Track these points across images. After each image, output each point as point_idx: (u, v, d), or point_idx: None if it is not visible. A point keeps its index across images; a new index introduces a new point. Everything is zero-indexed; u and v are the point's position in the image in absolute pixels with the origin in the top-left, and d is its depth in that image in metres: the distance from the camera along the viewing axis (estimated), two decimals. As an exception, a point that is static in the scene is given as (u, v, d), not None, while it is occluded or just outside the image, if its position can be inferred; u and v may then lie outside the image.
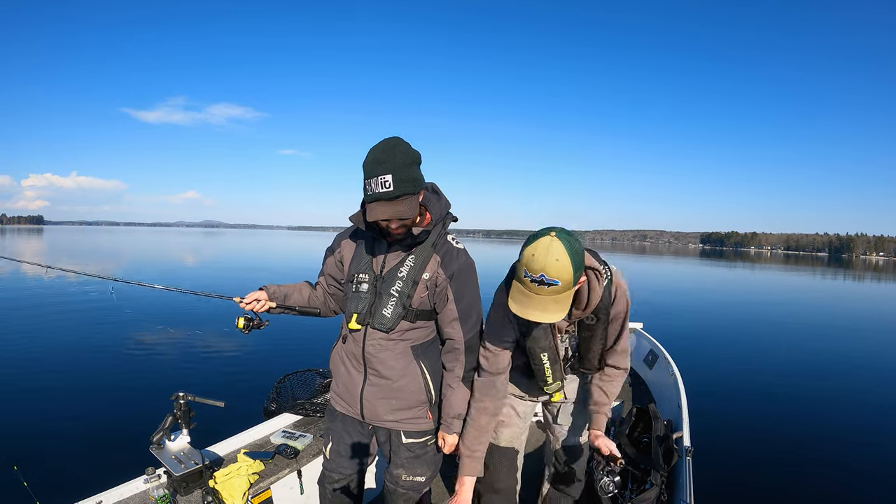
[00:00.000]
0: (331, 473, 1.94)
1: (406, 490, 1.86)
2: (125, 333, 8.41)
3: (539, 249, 1.41)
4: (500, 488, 2.07)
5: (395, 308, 1.68)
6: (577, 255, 1.44)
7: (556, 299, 1.44)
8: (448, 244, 1.73)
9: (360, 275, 1.74)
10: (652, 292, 18.85)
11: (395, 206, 1.52)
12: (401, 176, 1.50)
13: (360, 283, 1.74)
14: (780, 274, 40.91)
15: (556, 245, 1.40)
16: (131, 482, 2.10)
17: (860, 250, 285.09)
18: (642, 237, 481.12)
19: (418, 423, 1.80)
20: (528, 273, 1.43)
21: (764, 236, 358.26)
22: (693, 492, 2.24)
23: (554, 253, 1.40)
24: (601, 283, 1.64)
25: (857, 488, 4.26)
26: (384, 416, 1.79)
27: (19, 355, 6.81)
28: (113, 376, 5.88)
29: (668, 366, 4.13)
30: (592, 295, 1.64)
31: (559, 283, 1.41)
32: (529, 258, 1.43)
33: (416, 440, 1.82)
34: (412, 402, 1.77)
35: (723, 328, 12.24)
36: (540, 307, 1.45)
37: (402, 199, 1.53)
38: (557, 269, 1.40)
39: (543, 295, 1.44)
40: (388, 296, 1.69)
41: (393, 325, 1.68)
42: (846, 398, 7.05)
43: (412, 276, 1.67)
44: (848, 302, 21.64)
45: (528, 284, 1.45)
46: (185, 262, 26.38)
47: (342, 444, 1.91)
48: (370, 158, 1.52)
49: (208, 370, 6.03)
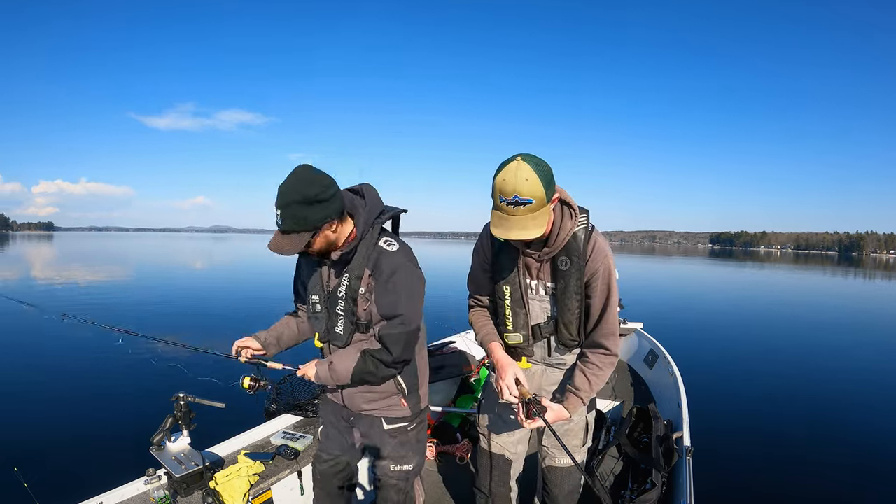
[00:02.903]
0: (320, 454, 2.06)
1: (397, 480, 1.91)
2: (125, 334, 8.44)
3: (508, 174, 1.48)
4: (485, 491, 2.04)
5: (346, 325, 1.77)
6: (546, 174, 1.50)
7: (534, 217, 1.51)
8: (378, 250, 1.72)
9: (313, 296, 1.85)
10: (652, 292, 18.76)
11: (282, 240, 1.59)
12: (288, 213, 1.55)
13: (314, 305, 1.85)
14: (788, 273, 40.55)
15: (524, 166, 1.47)
16: (132, 483, 2.12)
17: (870, 248, 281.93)
18: (651, 238, 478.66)
19: (395, 410, 1.88)
20: (503, 198, 1.50)
21: (774, 235, 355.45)
22: (693, 492, 2.23)
23: (523, 174, 1.46)
24: (574, 222, 1.67)
25: (857, 488, 4.23)
26: (362, 406, 1.88)
27: (19, 356, 6.87)
28: (113, 377, 5.92)
29: (668, 366, 4.12)
30: (562, 228, 1.66)
31: (533, 202, 1.48)
32: (501, 183, 1.49)
33: (396, 426, 1.89)
34: (386, 393, 1.85)
35: (723, 328, 12.17)
36: (519, 226, 1.51)
37: (289, 235, 1.58)
38: (529, 187, 1.46)
39: (520, 215, 1.50)
40: (336, 315, 1.78)
41: (347, 340, 1.79)
42: (847, 398, 7.00)
43: (350, 295, 1.73)
44: (855, 301, 21.39)
45: (504, 208, 1.51)
46: (194, 268, 26.62)
47: (331, 428, 2.02)
48: (279, 188, 1.57)
49: (208, 371, 5.94)
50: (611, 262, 1.71)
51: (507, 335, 1.87)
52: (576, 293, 1.72)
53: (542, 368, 1.91)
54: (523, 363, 1.88)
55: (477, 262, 1.90)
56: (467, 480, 2.91)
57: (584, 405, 1.81)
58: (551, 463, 1.96)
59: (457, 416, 3.58)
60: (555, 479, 1.96)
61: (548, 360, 1.89)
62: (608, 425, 3.35)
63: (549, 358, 1.88)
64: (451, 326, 4.82)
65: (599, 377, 1.77)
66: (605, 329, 1.74)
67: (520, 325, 1.83)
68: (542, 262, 1.74)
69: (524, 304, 1.80)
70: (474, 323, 1.98)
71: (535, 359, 1.91)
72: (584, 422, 1.94)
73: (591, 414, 1.99)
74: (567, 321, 1.76)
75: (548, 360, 1.89)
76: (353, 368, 1.71)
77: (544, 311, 1.80)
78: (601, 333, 1.75)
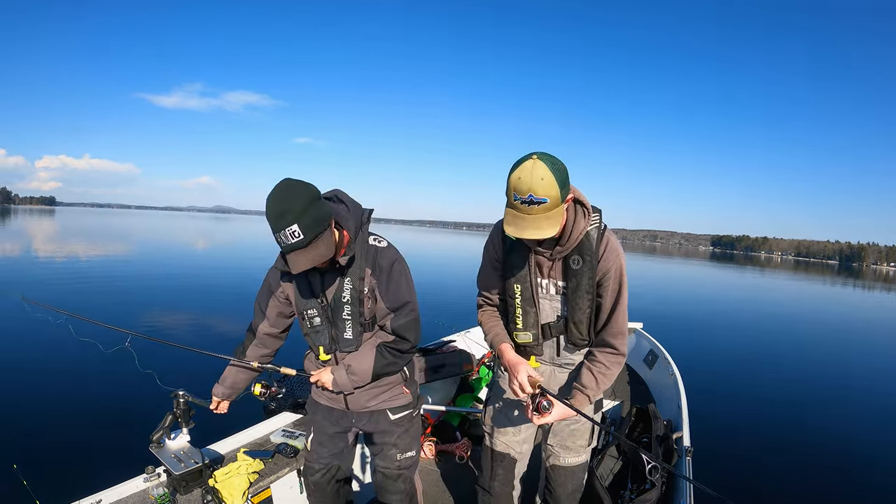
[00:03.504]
0: (312, 464, 2.03)
1: (402, 470, 1.93)
2: (124, 329, 8.44)
3: (524, 172, 1.47)
4: (491, 490, 2.03)
5: (354, 328, 1.78)
6: (561, 173, 1.50)
7: (548, 216, 1.50)
8: (371, 249, 1.75)
9: (308, 311, 1.81)
10: (654, 291, 18.75)
11: (312, 251, 1.54)
12: (306, 221, 1.50)
13: (311, 319, 1.81)
14: (787, 281, 40.54)
15: (539, 165, 1.46)
16: (131, 481, 2.11)
17: (871, 260, 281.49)
18: (653, 237, 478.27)
19: (398, 399, 1.90)
20: (518, 196, 1.49)
21: (775, 241, 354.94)
22: (693, 492, 2.22)
23: (538, 173, 1.46)
24: (587, 221, 1.67)
25: (856, 488, 4.24)
26: (367, 403, 1.88)
27: (18, 354, 6.86)
28: (112, 374, 5.89)
29: (668, 366, 4.12)
30: (575, 227, 1.66)
31: (548, 201, 1.48)
32: (516, 181, 1.48)
33: (401, 414, 1.92)
34: (391, 383, 1.88)
35: (723, 329, 12.18)
36: (534, 225, 1.50)
37: (317, 242, 1.54)
38: (544, 187, 1.46)
39: (535, 214, 1.50)
40: (343, 321, 1.77)
41: (358, 343, 1.80)
42: (846, 399, 7.04)
43: (356, 297, 1.74)
44: (854, 311, 21.44)
45: (519, 207, 1.51)
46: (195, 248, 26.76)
47: (324, 435, 2.00)
48: (271, 213, 1.50)
49: (208, 369, 5.90)
50: (623, 262, 1.71)
51: (516, 334, 1.86)
52: (587, 292, 1.71)
53: (551, 369, 1.90)
54: (532, 362, 1.87)
55: (487, 259, 1.90)
56: (467, 479, 2.91)
57: (590, 403, 1.80)
58: (556, 462, 1.96)
59: (456, 414, 3.58)
60: (559, 478, 1.96)
61: (556, 360, 1.88)
62: (608, 425, 3.35)
63: (557, 358, 1.88)
64: (451, 325, 4.82)
65: (607, 376, 1.76)
66: (614, 328, 1.73)
67: (530, 323, 1.82)
68: (553, 261, 1.74)
69: (535, 302, 1.80)
70: (484, 323, 1.97)
71: (545, 359, 1.90)
72: (591, 422, 1.93)
73: (598, 415, 1.98)
74: (577, 320, 1.75)
75: (556, 360, 1.88)
76: (373, 366, 1.74)
77: (554, 310, 1.80)
78: (610, 332, 1.74)
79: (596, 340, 1.79)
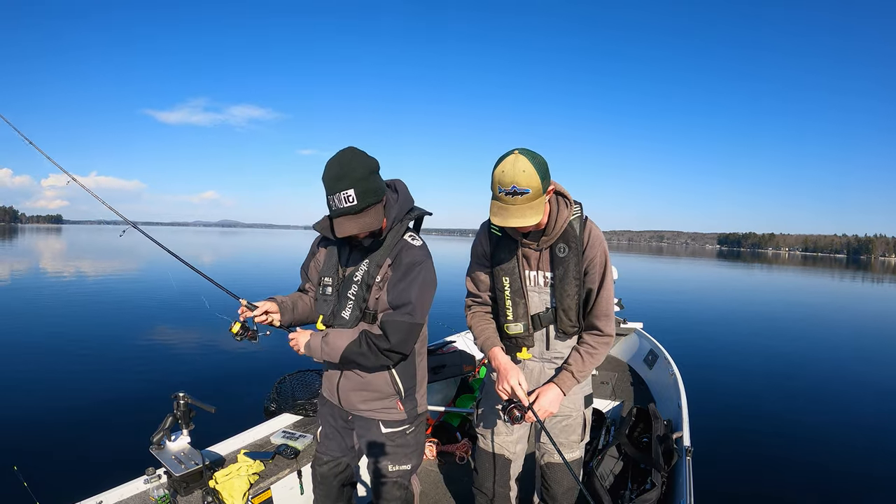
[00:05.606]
0: (321, 456, 2.05)
1: (396, 478, 1.92)
2: (125, 333, 8.54)
3: (507, 166, 1.57)
4: (486, 492, 2.04)
5: (353, 311, 1.77)
6: (541, 166, 1.60)
7: (531, 205, 1.60)
8: (403, 243, 1.76)
9: (325, 278, 1.85)
10: (652, 292, 18.68)
11: (361, 219, 1.61)
12: (362, 188, 1.57)
13: (325, 287, 1.84)
14: (794, 276, 40.25)
15: (521, 159, 1.57)
16: (131, 482, 2.13)
17: (879, 252, 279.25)
18: (659, 238, 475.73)
19: (391, 413, 1.86)
20: (502, 188, 1.58)
21: (782, 237, 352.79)
22: (693, 492, 2.22)
23: (520, 166, 1.56)
24: (570, 210, 1.76)
25: (856, 488, 4.21)
26: (358, 405, 1.87)
27: (19, 355, 6.91)
28: (113, 376, 5.94)
29: (668, 366, 4.12)
30: (559, 217, 1.74)
31: (530, 191, 1.57)
32: (500, 174, 1.58)
33: (394, 430, 1.88)
34: (382, 393, 1.83)
35: (724, 328, 12.11)
36: (518, 214, 1.59)
37: (368, 211, 1.61)
38: (526, 178, 1.56)
39: (519, 204, 1.59)
40: (346, 299, 1.77)
41: (352, 326, 1.76)
42: (846, 399, 6.98)
43: (366, 280, 1.74)
44: (859, 304, 21.27)
45: (503, 198, 1.60)
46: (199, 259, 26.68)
47: (330, 428, 2.02)
48: (330, 175, 1.57)
49: (208, 370, 6.01)
50: (605, 248, 1.80)
51: (507, 326, 1.90)
52: (574, 279, 1.78)
53: (541, 366, 1.92)
54: (524, 353, 1.91)
55: (475, 257, 1.96)
56: (467, 480, 2.91)
57: (577, 383, 1.85)
58: (550, 459, 1.97)
59: (457, 415, 3.59)
60: (554, 475, 1.97)
61: (545, 355, 1.91)
62: (608, 425, 3.34)
63: (546, 352, 1.91)
64: (451, 326, 4.82)
65: (594, 356, 1.83)
66: (598, 311, 1.82)
67: (520, 315, 1.87)
68: (540, 252, 1.81)
69: (524, 294, 1.85)
70: (473, 327, 2.00)
71: (534, 352, 1.92)
72: (582, 417, 1.97)
73: (589, 410, 2.00)
74: (566, 307, 1.81)
75: (545, 355, 1.91)
76: (345, 346, 1.69)
77: (543, 301, 1.85)
78: (595, 315, 1.82)
79: (583, 324, 1.86)
